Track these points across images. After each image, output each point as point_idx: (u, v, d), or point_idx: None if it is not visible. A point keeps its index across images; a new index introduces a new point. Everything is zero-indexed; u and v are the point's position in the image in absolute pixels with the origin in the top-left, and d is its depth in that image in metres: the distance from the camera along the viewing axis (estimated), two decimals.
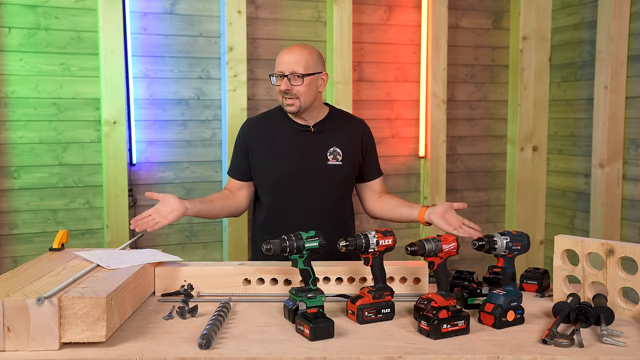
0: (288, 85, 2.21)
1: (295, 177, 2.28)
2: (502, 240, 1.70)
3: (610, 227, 3.56)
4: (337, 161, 2.30)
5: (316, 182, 2.28)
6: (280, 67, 2.23)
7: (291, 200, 2.29)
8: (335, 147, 2.30)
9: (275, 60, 2.28)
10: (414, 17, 3.97)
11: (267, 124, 2.36)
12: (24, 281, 1.61)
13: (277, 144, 2.31)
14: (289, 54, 2.24)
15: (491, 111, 4.23)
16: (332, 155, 2.30)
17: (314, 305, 1.69)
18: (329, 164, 2.29)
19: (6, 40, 3.16)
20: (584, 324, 1.65)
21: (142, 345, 1.51)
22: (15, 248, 3.24)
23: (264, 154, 2.31)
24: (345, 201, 2.38)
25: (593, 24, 3.70)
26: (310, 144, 2.29)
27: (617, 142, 3.55)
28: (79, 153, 3.32)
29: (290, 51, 2.25)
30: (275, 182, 2.31)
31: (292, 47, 2.27)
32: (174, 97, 3.50)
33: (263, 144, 2.32)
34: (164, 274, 1.92)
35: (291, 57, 2.22)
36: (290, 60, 2.22)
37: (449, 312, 1.60)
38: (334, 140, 2.31)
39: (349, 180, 2.36)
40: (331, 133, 2.32)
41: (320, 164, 2.27)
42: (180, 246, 3.58)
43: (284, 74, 2.21)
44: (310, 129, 2.30)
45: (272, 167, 2.30)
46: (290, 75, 2.21)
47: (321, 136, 2.31)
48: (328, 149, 2.30)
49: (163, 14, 3.45)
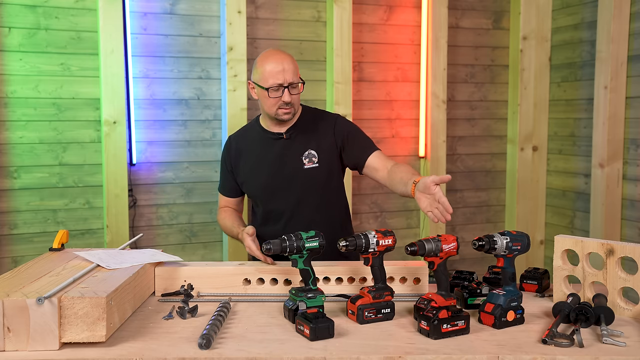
0: (290, 95, 2.17)
1: (276, 186, 2.28)
2: (502, 240, 1.70)
3: (610, 227, 3.56)
4: (313, 163, 2.26)
5: (297, 188, 2.27)
6: (280, 79, 2.14)
7: (277, 208, 2.30)
8: (309, 149, 2.26)
9: (264, 71, 2.15)
10: (414, 17, 3.97)
11: (245, 138, 2.36)
12: (24, 281, 1.61)
13: (255, 156, 2.31)
14: (287, 62, 2.16)
15: (491, 111, 4.23)
16: (308, 159, 2.26)
17: (314, 305, 1.69)
18: (306, 167, 2.26)
19: (6, 40, 3.16)
20: (584, 324, 1.65)
21: (142, 345, 1.51)
22: (15, 248, 3.24)
23: (245, 168, 2.33)
24: (333, 202, 2.36)
25: (593, 24, 3.70)
26: (285, 151, 2.27)
27: (617, 142, 3.55)
28: (79, 153, 3.32)
29: (284, 59, 2.16)
30: (259, 193, 2.33)
31: (281, 56, 2.17)
32: (174, 97, 3.50)
33: (243, 159, 2.33)
34: (164, 274, 1.92)
35: (290, 66, 2.15)
36: (291, 69, 2.15)
37: (449, 312, 1.60)
38: (307, 144, 2.27)
39: (330, 180, 2.31)
40: (304, 136, 2.28)
41: (298, 169, 2.26)
42: (180, 246, 3.58)
43: (284, 85, 2.15)
44: (283, 135, 2.28)
45: (253, 179, 2.31)
46: (290, 85, 2.16)
47: (294, 141, 2.28)
48: (303, 153, 2.26)
49: (163, 14, 3.45)
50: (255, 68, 2.22)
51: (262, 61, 2.18)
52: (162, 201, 3.52)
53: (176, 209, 3.56)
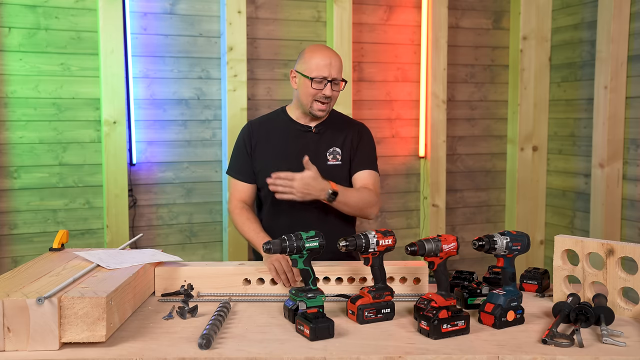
0: (331, 90, 2.21)
1: None
2: (502, 240, 1.70)
3: (610, 227, 3.56)
4: (337, 161, 2.31)
5: None
6: (325, 72, 2.19)
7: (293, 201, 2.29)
8: (335, 147, 2.32)
9: (312, 62, 2.21)
10: (414, 17, 3.97)
11: (268, 125, 2.37)
12: (24, 281, 1.61)
13: (278, 145, 2.31)
14: (335, 59, 2.21)
15: (491, 111, 4.23)
16: (332, 155, 2.31)
17: (314, 305, 1.69)
18: (329, 164, 2.30)
19: (6, 40, 3.16)
20: (584, 324, 1.65)
21: (142, 345, 1.51)
22: (15, 248, 3.24)
23: (265, 155, 2.32)
24: None
25: (593, 24, 3.70)
26: (310, 145, 2.30)
27: (617, 142, 3.55)
28: (79, 153, 3.32)
29: (333, 56, 2.22)
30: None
31: (330, 52, 2.23)
32: (174, 97, 3.50)
33: (264, 145, 2.33)
34: (164, 274, 1.92)
35: (338, 63, 2.21)
36: (338, 65, 2.21)
37: (449, 312, 1.60)
38: (333, 141, 2.32)
39: (347, 180, 2.36)
40: (331, 134, 2.33)
41: (321, 164, 2.28)
42: (180, 246, 3.58)
43: (328, 78, 2.20)
44: (312, 129, 2.31)
45: (272, 167, 2.30)
46: (333, 80, 2.21)
47: (322, 137, 2.32)
48: (328, 149, 2.31)
49: (163, 14, 3.45)
50: (302, 57, 2.26)
51: (311, 52, 2.24)
52: (162, 201, 3.52)
53: (176, 209, 3.56)
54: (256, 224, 2.27)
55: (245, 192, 2.36)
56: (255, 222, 2.27)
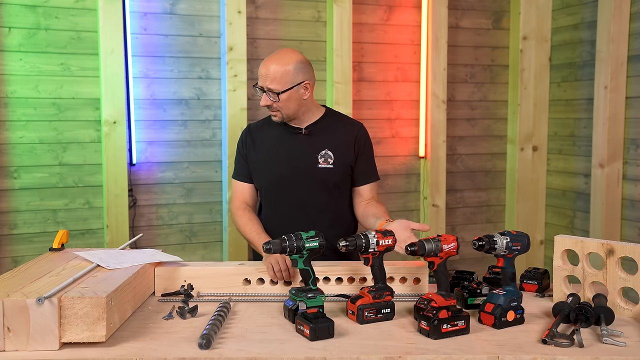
0: (267, 100, 2.20)
1: (285, 179, 2.26)
2: (502, 240, 1.70)
3: (610, 227, 3.56)
4: (327, 164, 2.26)
5: (306, 185, 2.26)
6: (260, 81, 2.21)
7: (284, 202, 2.29)
8: (326, 149, 2.26)
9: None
10: (414, 17, 3.97)
11: (263, 128, 2.36)
12: (24, 281, 1.61)
13: (270, 148, 2.30)
14: (265, 68, 2.18)
15: (491, 111, 4.23)
16: (323, 158, 2.26)
17: (314, 305, 1.69)
18: (320, 166, 2.25)
19: (6, 40, 3.16)
20: (584, 324, 1.65)
21: (142, 345, 1.51)
22: (15, 248, 3.24)
23: (258, 158, 2.32)
24: (340, 204, 2.34)
25: (593, 24, 3.70)
26: (299, 146, 2.27)
27: (617, 142, 3.55)
28: (79, 153, 3.33)
29: (267, 66, 2.18)
30: (267, 185, 2.31)
31: (269, 60, 2.20)
32: (174, 97, 3.50)
33: (257, 148, 2.33)
34: (164, 274, 1.92)
35: (267, 74, 2.17)
36: (273, 75, 2.17)
37: (449, 312, 1.60)
38: (326, 143, 2.27)
39: (341, 183, 2.31)
40: (324, 136, 2.29)
41: (311, 166, 2.25)
42: (180, 246, 3.58)
43: (264, 88, 2.20)
44: (302, 131, 2.28)
45: (263, 170, 2.30)
46: (267, 91, 2.19)
47: (313, 138, 2.28)
48: (319, 152, 2.26)
49: (163, 14, 3.45)
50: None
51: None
52: (162, 201, 3.52)
53: (176, 209, 3.56)
54: (257, 224, 2.26)
55: (246, 192, 2.36)
56: (257, 223, 2.26)
